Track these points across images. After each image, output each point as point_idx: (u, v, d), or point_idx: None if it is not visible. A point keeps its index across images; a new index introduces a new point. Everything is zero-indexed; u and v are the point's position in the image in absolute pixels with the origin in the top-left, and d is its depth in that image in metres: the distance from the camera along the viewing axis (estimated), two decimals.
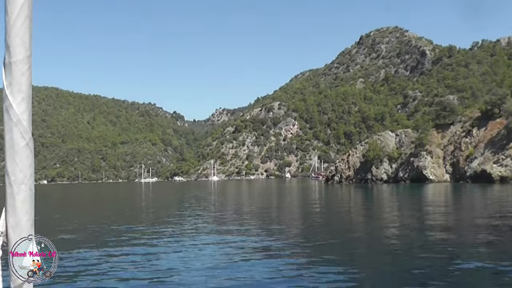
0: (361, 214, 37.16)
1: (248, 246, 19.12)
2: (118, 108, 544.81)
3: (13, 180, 2.33)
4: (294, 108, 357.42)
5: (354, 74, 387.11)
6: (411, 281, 12.87)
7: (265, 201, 55.74)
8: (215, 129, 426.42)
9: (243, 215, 35.07)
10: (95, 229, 27.30)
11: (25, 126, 2.29)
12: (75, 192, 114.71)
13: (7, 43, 2.26)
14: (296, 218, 34.13)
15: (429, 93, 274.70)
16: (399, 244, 19.69)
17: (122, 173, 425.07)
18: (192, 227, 27.12)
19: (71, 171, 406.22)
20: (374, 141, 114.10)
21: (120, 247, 19.77)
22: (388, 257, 17.00)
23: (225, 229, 26.09)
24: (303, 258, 16.72)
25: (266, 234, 23.15)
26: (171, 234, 23.73)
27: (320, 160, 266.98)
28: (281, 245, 19.44)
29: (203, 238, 22.07)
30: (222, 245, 19.65)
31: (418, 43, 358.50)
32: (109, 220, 33.43)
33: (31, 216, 2.43)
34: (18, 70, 2.26)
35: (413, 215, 34.00)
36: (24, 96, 2.29)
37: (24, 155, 2.32)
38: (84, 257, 17.42)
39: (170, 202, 59.75)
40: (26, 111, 2.30)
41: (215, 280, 13.10)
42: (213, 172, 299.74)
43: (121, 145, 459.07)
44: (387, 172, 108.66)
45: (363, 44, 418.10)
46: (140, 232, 24.95)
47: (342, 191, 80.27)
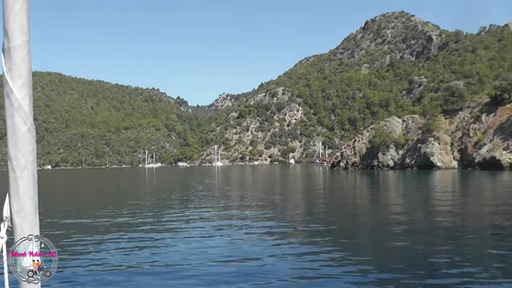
0: (367, 201, 35.90)
1: (251, 232, 18.91)
2: (122, 93, 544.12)
3: (15, 165, 2.33)
4: (298, 93, 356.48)
5: (359, 59, 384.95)
6: (416, 268, 12.68)
7: (269, 187, 54.37)
8: (219, 115, 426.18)
9: (247, 202, 33.90)
10: (98, 216, 26.54)
11: (26, 111, 2.29)
12: (78, 178, 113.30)
13: (5, 28, 2.26)
14: (300, 205, 33.10)
15: (435, 79, 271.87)
16: (404, 232, 19.15)
17: (126, 158, 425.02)
18: (196, 213, 26.68)
19: (74, 156, 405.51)
20: (381, 127, 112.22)
21: (122, 234, 19.43)
22: (391, 244, 16.63)
23: (228, 215, 25.78)
24: (307, 244, 16.51)
25: (270, 221, 22.68)
26: (175, 221, 23.28)
27: (324, 146, 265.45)
28: (285, 231, 19.23)
29: (206, 225, 21.52)
30: (225, 232, 19.32)
31: (424, 28, 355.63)
32: (113, 206, 32.40)
33: (35, 201, 2.43)
34: (18, 55, 2.25)
35: (420, 202, 33.02)
36: (24, 81, 2.28)
37: (26, 140, 2.32)
38: (85, 244, 17.19)
39: (174, 188, 58.21)
40: (27, 96, 2.30)
41: (220, 267, 13.02)
42: (216, 157, 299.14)
43: (125, 131, 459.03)
44: (393, 158, 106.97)
45: (368, 29, 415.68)
46: (143, 219, 24.39)
47: (347, 177, 78.75)
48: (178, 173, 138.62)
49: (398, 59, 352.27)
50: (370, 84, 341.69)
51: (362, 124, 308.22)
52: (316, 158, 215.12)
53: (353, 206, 31.04)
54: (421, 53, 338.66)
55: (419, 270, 12.43)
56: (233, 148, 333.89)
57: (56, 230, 20.84)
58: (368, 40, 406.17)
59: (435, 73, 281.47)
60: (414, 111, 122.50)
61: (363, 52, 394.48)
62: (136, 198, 39.71)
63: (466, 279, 11.52)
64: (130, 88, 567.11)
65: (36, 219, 2.46)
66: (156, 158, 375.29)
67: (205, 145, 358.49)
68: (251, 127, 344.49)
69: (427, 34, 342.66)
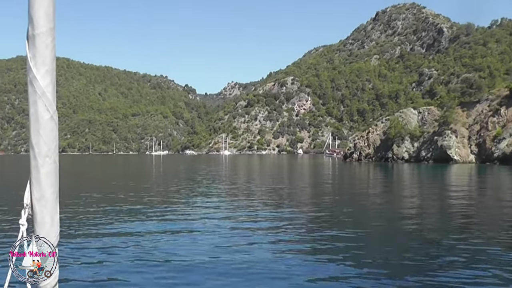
0: (380, 195, 34.01)
1: (257, 228, 18.03)
2: (130, 80, 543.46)
3: (37, 152, 2.34)
4: (308, 83, 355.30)
5: (369, 50, 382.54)
6: (426, 265, 12.23)
7: (278, 179, 52.16)
8: (227, 103, 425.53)
9: (254, 195, 31.98)
10: (103, 205, 25.52)
11: (50, 98, 2.31)
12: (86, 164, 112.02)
13: (30, 15, 2.25)
14: (311, 198, 31.58)
15: (445, 72, 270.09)
16: (416, 229, 18.37)
17: (133, 145, 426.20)
18: (202, 205, 25.57)
19: (81, 142, 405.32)
20: (396, 118, 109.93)
21: (127, 225, 18.77)
22: (402, 240, 16.03)
23: (234, 207, 24.87)
24: (313, 241, 15.66)
25: (278, 216, 21.36)
26: (180, 212, 22.45)
27: (333, 137, 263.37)
28: (291, 227, 18.32)
29: (211, 218, 20.54)
30: (229, 226, 18.33)
31: (436, 20, 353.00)
32: (118, 195, 31.29)
33: (56, 189, 2.45)
34: (42, 42, 2.26)
35: (436, 198, 31.49)
36: (48, 68, 2.30)
37: (48, 128, 2.34)
38: (89, 235, 16.57)
39: (181, 177, 56.23)
40: (50, 83, 2.32)
41: (222, 263, 12.48)
42: (224, 146, 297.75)
43: (132, 117, 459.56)
44: (408, 151, 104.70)
45: (379, 21, 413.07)
46: (148, 210, 23.38)
47: (360, 169, 76.91)
48: (185, 161, 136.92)
49: (408, 51, 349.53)
50: (379, 76, 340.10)
51: (371, 115, 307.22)
52: (325, 149, 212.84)
53: (365, 200, 29.54)
54: (431, 45, 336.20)
55: (429, 270, 11.83)
56: (241, 137, 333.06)
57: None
58: (378, 31, 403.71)
59: (446, 66, 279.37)
60: (430, 103, 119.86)
61: (373, 43, 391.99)
62: (140, 188, 37.59)
63: (479, 280, 10.95)
64: (138, 74, 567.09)
65: (57, 207, 2.48)
66: (164, 146, 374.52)
67: (212, 134, 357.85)
68: (259, 116, 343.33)
69: (438, 27, 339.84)
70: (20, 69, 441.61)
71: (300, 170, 76.07)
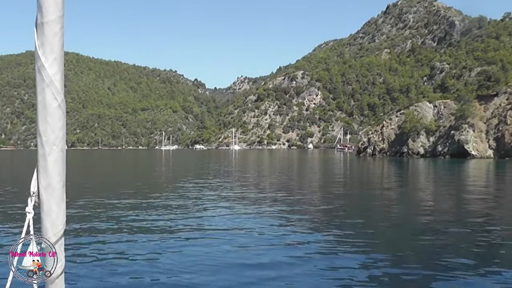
0: (396, 191, 32.21)
1: (266, 229, 16.35)
2: (139, 74, 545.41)
3: (45, 141, 2.35)
4: (318, 77, 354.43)
5: (380, 44, 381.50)
6: (439, 269, 11.20)
7: (290, 175, 49.65)
8: (237, 97, 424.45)
9: (266, 192, 30.11)
10: (111, 201, 24.38)
11: (58, 87, 2.31)
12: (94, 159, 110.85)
13: (39, 3, 2.24)
14: (324, 195, 29.42)
15: (457, 65, 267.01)
16: (431, 229, 16.79)
17: (142, 140, 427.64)
18: (210, 203, 24.00)
19: (91, 136, 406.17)
20: (411, 112, 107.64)
21: (133, 224, 17.54)
22: (418, 241, 14.66)
23: (244, 205, 23.15)
24: (328, 241, 14.57)
25: (289, 215, 19.66)
26: (189, 211, 20.98)
27: (343, 132, 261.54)
28: (303, 227, 16.89)
29: (220, 216, 19.37)
30: (238, 226, 16.92)
31: (447, 13, 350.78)
32: (128, 191, 29.66)
33: (63, 177, 2.47)
34: (51, 30, 2.26)
35: (454, 194, 29.90)
36: (56, 56, 2.31)
37: (56, 116, 2.35)
38: (97, 232, 15.76)
39: (191, 172, 54.24)
40: (58, 72, 2.33)
41: (232, 264, 11.71)
42: (234, 141, 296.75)
43: (142, 112, 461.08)
44: (424, 145, 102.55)
45: (389, 14, 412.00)
46: (156, 208, 22.06)
47: (374, 165, 74.46)
48: (195, 156, 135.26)
49: (420, 45, 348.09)
50: (390, 70, 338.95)
51: (381, 110, 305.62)
52: (337, 144, 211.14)
53: (381, 198, 27.93)
54: (443, 38, 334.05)
55: (443, 271, 10.98)
56: (250, 132, 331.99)
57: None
58: (389, 24, 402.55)
59: (458, 60, 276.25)
60: (446, 97, 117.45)
61: (384, 37, 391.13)
62: (148, 185, 35.73)
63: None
64: (147, 69, 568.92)
65: (63, 195, 2.50)
66: (173, 140, 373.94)
67: (222, 128, 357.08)
68: (269, 111, 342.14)
69: (450, 20, 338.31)
70: (29, 64, 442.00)
71: (312, 165, 74.05)
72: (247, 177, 43.96)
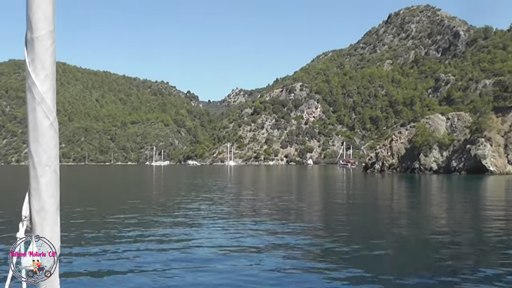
0: (410, 214, 30.20)
1: (265, 259, 15.36)
2: (129, 85, 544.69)
3: (36, 162, 2.32)
4: (317, 89, 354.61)
5: (382, 55, 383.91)
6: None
7: (291, 195, 46.69)
8: (232, 111, 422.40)
9: (262, 215, 28.11)
10: (99, 220, 24.62)
11: (49, 105, 2.28)
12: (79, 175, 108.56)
13: (28, 18, 2.22)
14: (329, 219, 27.27)
15: (463, 77, 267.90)
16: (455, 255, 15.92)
17: (132, 155, 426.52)
18: (203, 225, 23.30)
19: (77, 151, 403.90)
20: (422, 125, 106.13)
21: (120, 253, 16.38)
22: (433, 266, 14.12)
23: (238, 229, 21.91)
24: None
25: (291, 243, 18.32)
26: (180, 234, 20.44)
27: (346, 147, 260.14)
28: (305, 254, 16.18)
29: (212, 238, 19.18)
30: (232, 250, 16.70)
31: (451, 23, 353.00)
32: (111, 213, 28.84)
33: (57, 200, 2.43)
34: (41, 45, 2.24)
35: (474, 214, 28.54)
36: (48, 73, 2.27)
37: (48, 136, 2.31)
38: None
39: (183, 191, 51.38)
40: (50, 89, 2.29)
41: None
42: (229, 156, 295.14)
43: (131, 125, 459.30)
44: (437, 161, 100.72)
45: (391, 23, 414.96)
46: (149, 228, 21.81)
47: (383, 182, 72.79)
48: (188, 172, 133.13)
49: (423, 55, 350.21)
50: (393, 81, 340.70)
51: (384, 123, 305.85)
52: (339, 159, 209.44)
53: (389, 219, 26.68)
54: (447, 49, 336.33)
55: None
56: (247, 147, 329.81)
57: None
58: (391, 34, 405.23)
59: (463, 71, 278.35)
60: (460, 109, 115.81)
61: (385, 47, 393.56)
62: (138, 206, 33.74)
63: None
64: (138, 80, 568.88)
65: (57, 219, 2.48)
66: (164, 155, 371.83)
67: (216, 143, 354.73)
68: (266, 125, 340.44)
69: (454, 30, 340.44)
70: (12, 74, 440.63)
71: (313, 183, 71.91)
72: (242, 199, 40.79)
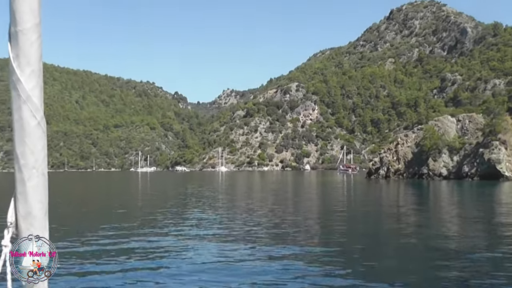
0: (416, 225, 28.61)
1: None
2: (112, 86, 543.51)
3: (23, 164, 2.29)
4: (314, 90, 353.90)
5: (383, 53, 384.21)
6: None
7: (288, 205, 44.33)
8: (223, 113, 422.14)
9: (262, 231, 26.09)
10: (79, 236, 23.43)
11: (36, 103, 2.26)
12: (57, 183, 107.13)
13: (12, 10, 2.21)
14: (333, 234, 25.14)
15: (471, 77, 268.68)
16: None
17: (115, 161, 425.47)
18: (191, 240, 22.21)
19: (56, 157, 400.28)
20: (431, 127, 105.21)
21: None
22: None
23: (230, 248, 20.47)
24: None
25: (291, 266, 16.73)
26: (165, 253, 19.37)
27: (344, 151, 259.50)
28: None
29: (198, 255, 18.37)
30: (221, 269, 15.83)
31: (458, 19, 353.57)
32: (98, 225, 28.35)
33: (45, 204, 2.42)
34: (26, 39, 2.22)
35: (487, 228, 26.50)
36: (34, 69, 2.27)
37: (35, 136, 2.29)
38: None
39: (170, 201, 49.68)
40: (36, 86, 2.29)
41: None
42: (220, 162, 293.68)
43: (115, 129, 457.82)
44: (447, 165, 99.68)
45: (393, 20, 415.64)
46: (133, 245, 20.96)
47: (389, 189, 71.64)
48: (176, 179, 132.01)
49: (428, 54, 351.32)
50: (395, 82, 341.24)
51: (387, 126, 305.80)
52: (339, 164, 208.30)
53: (403, 233, 24.74)
54: (454, 47, 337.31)
55: None
56: (239, 151, 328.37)
57: None
58: (393, 31, 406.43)
59: (471, 70, 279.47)
60: (471, 110, 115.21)
61: (387, 45, 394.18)
62: (122, 219, 32.81)
63: None
64: (121, 80, 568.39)
65: (46, 224, 2.47)
66: (151, 161, 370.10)
67: (207, 147, 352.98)
68: (260, 128, 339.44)
69: (461, 26, 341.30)
70: None
71: (312, 190, 70.06)
72: (235, 211, 38.30)
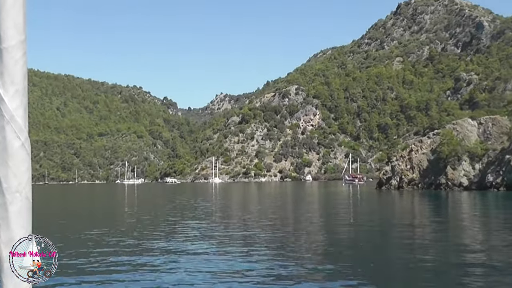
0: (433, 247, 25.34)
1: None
2: (96, 91, 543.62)
3: (5, 188, 2.31)
4: (315, 93, 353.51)
5: (390, 52, 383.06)
6: None
7: (289, 224, 39.53)
8: (216, 119, 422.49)
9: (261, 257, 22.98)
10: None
11: (20, 123, 2.31)
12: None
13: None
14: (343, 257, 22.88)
15: (489, 76, 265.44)
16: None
17: (100, 172, 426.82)
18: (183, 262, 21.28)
19: (35, 169, 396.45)
20: (449, 131, 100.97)
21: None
22: None
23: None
24: None
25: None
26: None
27: (349, 160, 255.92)
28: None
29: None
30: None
31: (473, 13, 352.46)
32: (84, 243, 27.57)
33: (28, 231, 2.44)
34: (11, 57, 2.26)
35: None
36: (18, 88, 2.31)
37: (19, 158, 2.32)
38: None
39: (159, 218, 45.85)
40: (20, 106, 2.32)
41: None
42: (214, 172, 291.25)
43: (99, 138, 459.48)
44: (467, 174, 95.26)
45: (401, 15, 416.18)
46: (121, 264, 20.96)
47: (402, 201, 68.45)
48: (165, 192, 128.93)
49: (440, 52, 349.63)
50: (404, 83, 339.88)
51: (395, 132, 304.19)
52: (344, 174, 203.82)
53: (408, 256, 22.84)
54: (469, 43, 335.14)
55: None
56: (234, 161, 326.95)
57: None
58: (401, 28, 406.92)
59: (489, 69, 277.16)
60: (495, 112, 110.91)
61: (395, 42, 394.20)
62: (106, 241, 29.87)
63: None
64: (106, 85, 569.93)
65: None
66: (138, 172, 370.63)
67: (199, 157, 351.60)
68: (256, 135, 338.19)
69: (477, 20, 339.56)
70: None
71: (314, 204, 66.22)
72: (229, 229, 35.06)
